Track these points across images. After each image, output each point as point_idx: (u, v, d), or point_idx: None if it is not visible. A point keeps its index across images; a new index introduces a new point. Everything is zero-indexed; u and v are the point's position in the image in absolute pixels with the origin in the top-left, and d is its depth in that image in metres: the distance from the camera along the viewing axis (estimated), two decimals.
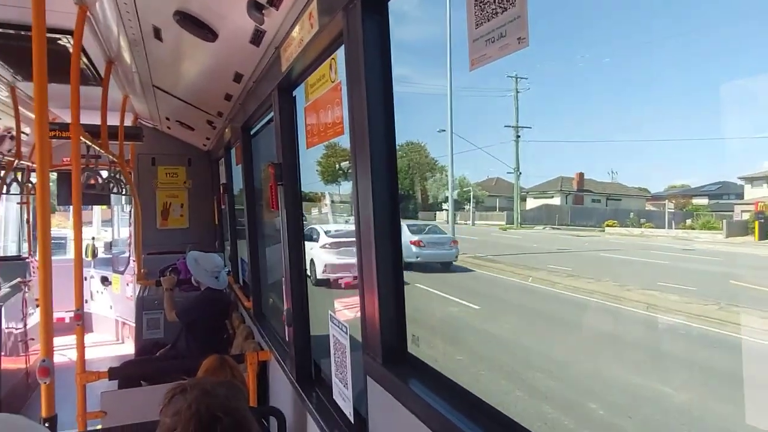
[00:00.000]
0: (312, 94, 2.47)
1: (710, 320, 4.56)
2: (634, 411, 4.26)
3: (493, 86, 4.82)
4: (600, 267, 7.11)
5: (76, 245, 3.38)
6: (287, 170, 2.96)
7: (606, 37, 3.68)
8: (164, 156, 7.32)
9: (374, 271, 1.83)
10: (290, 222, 3.00)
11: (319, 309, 3.16)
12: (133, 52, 3.68)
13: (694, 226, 6.02)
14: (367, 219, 1.85)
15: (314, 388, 2.91)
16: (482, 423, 1.44)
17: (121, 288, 7.75)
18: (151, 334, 5.82)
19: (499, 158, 7.45)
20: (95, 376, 3.48)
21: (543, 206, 8.28)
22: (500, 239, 9.02)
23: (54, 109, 6.10)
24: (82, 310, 3.35)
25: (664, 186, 6.53)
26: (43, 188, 2.57)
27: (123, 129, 5.38)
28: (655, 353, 5.01)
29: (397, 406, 1.72)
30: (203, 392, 1.41)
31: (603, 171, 7.51)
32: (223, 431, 1.36)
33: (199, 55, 3.37)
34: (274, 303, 4.45)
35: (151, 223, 7.12)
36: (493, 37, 1.20)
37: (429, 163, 8.93)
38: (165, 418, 1.39)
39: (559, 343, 5.91)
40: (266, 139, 4.00)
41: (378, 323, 1.84)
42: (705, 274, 5.70)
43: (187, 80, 4.17)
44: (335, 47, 2.15)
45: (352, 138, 1.93)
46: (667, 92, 3.67)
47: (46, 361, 2.48)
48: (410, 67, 5.12)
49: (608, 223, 7.34)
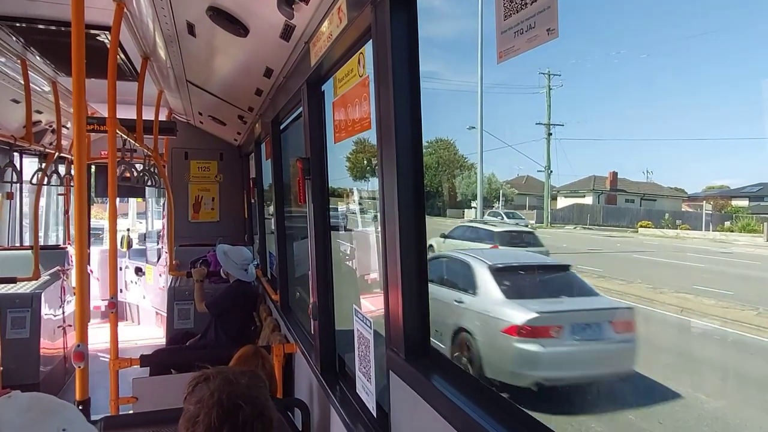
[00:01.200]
0: (340, 89, 2.48)
1: (748, 326, 4.39)
2: (666, 416, 4.15)
3: (525, 83, 4.75)
4: (632, 268, 6.92)
5: (111, 236, 3.49)
6: (315, 165, 2.98)
7: (643, 32, 3.58)
8: (197, 150, 7.48)
9: (398, 266, 1.83)
10: (317, 216, 3.03)
11: (345, 303, 3.18)
12: (168, 47, 3.76)
13: (733, 229, 5.80)
14: (392, 214, 1.85)
15: (338, 382, 2.93)
16: (505, 421, 1.42)
17: (154, 278, 7.96)
18: (182, 324, 5.96)
19: (530, 156, 7.34)
20: (128, 363, 3.59)
21: (574, 205, 8.10)
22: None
23: (92, 104, 6.31)
24: (116, 299, 3.46)
25: (702, 187, 6.30)
26: (81, 180, 2.66)
27: (157, 123, 5.52)
28: (688, 358, 4.86)
29: (419, 402, 1.72)
30: (225, 381, 1.44)
31: (638, 170, 7.30)
32: (245, 420, 1.38)
33: (230, 51, 3.43)
34: (300, 296, 4.50)
35: (183, 216, 7.29)
36: (522, 28, 1.17)
37: (458, 161, 8.85)
38: (188, 405, 1.43)
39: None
40: (295, 134, 4.04)
41: (401, 318, 1.84)
42: (743, 278, 5.49)
43: (219, 75, 4.25)
44: (363, 42, 2.15)
45: (379, 133, 1.93)
46: (707, 90, 3.56)
47: (80, 346, 2.57)
48: (441, 64, 5.10)
49: (642, 223, 7.14)
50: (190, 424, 1.40)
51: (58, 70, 4.78)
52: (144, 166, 5.49)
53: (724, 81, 3.66)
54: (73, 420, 1.01)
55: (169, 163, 7.26)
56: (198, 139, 7.42)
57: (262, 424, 1.42)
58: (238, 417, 1.38)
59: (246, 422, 1.39)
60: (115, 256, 3.43)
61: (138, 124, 4.65)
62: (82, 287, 2.59)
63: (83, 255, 2.58)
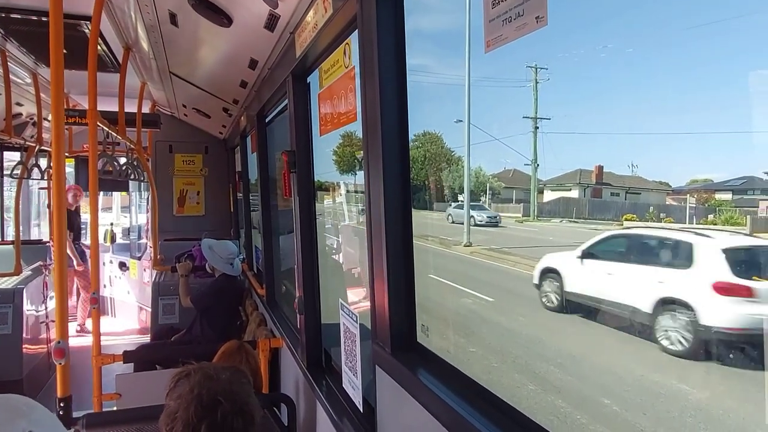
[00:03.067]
0: (326, 81, 2.44)
1: None
2: (649, 407, 4.20)
3: (513, 77, 4.74)
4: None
5: (93, 230, 3.42)
6: (301, 158, 2.95)
7: (630, 26, 3.59)
8: (181, 144, 7.38)
9: (385, 259, 1.81)
10: (303, 210, 3.00)
11: (331, 297, 3.16)
12: (150, 38, 3.69)
13: (717, 222, 5.86)
14: (378, 207, 1.83)
15: (324, 377, 2.91)
16: (491, 415, 1.42)
17: (139, 273, 7.86)
18: (167, 319, 5.89)
19: (517, 150, 7.35)
20: (111, 359, 3.54)
21: (560, 199, 8.14)
22: (516, 231, 8.92)
23: (74, 96, 6.18)
24: (98, 294, 3.40)
25: (686, 180, 6.37)
26: (59, 173, 2.59)
27: (141, 116, 5.42)
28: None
29: (405, 396, 1.70)
30: (206, 377, 1.41)
31: (623, 164, 7.35)
32: (224, 415, 1.36)
33: (214, 41, 3.37)
34: (287, 291, 4.47)
35: (168, 210, 7.20)
36: (510, 16, 1.15)
37: (445, 154, 8.83)
38: (169, 401, 1.40)
39: (573, 336, 5.85)
40: (281, 126, 3.99)
41: (387, 312, 1.82)
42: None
43: (203, 67, 4.18)
44: (349, 32, 2.12)
45: (364, 125, 1.90)
46: (692, 84, 3.58)
47: (61, 342, 2.52)
48: (430, 57, 5.09)
49: (627, 216, 7.20)
50: (169, 419, 1.37)
51: (39, 61, 4.66)
52: (127, 159, 5.40)
53: (709, 75, 3.68)
54: (42, 421, 0.97)
55: (153, 157, 7.15)
56: (182, 132, 7.32)
57: (242, 420, 1.40)
58: (217, 413, 1.36)
59: (225, 418, 1.37)
60: (97, 251, 3.37)
61: (120, 116, 4.56)
62: (62, 283, 2.53)
63: (62, 250, 2.52)
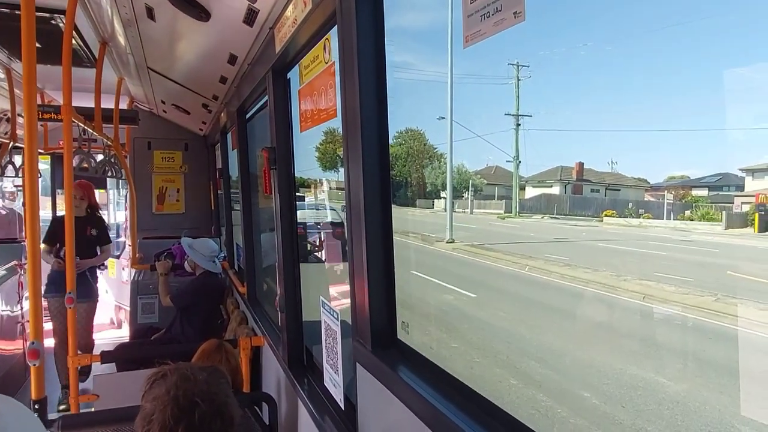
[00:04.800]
0: (306, 76, 2.42)
1: (707, 311, 4.54)
2: (628, 400, 4.27)
3: (495, 74, 4.77)
4: (597, 257, 7.09)
5: (68, 228, 3.35)
6: (281, 154, 2.92)
7: (609, 25, 3.63)
8: (160, 140, 7.27)
9: (365, 256, 1.80)
10: (284, 207, 2.97)
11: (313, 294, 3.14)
12: (127, 32, 3.62)
13: (693, 218, 5.98)
14: (357, 204, 1.82)
15: (306, 375, 2.90)
16: (472, 412, 1.42)
17: (117, 272, 7.74)
18: (146, 318, 5.82)
19: (499, 146, 7.38)
20: (88, 359, 3.48)
21: (542, 195, 8.24)
22: (498, 228, 8.99)
23: (49, 92, 6.04)
24: (73, 294, 3.33)
25: (664, 177, 6.48)
26: (32, 171, 2.53)
27: (118, 112, 5.33)
28: (651, 343, 5.01)
29: (386, 394, 1.70)
30: (182, 377, 1.39)
31: (603, 161, 7.44)
32: (202, 417, 1.34)
33: (192, 36, 3.32)
34: (268, 288, 4.44)
35: (147, 208, 7.09)
36: (489, 11, 1.15)
37: (428, 151, 8.84)
38: (145, 403, 1.38)
39: (554, 332, 5.92)
40: (261, 123, 3.95)
41: (368, 309, 1.82)
42: (702, 266, 5.68)
43: (182, 62, 4.11)
44: (329, 28, 2.10)
45: (344, 121, 1.89)
46: (669, 82, 3.64)
47: (35, 343, 2.46)
48: (413, 54, 5.07)
49: (606, 213, 7.31)
50: (145, 422, 1.34)
51: (12, 55, 4.54)
52: (104, 156, 5.30)
53: (685, 74, 3.73)
54: (5, 412, 0.94)
55: (131, 154, 7.04)
56: (161, 129, 7.21)
57: (221, 422, 1.38)
58: (194, 414, 1.33)
59: (203, 420, 1.35)
60: (72, 250, 3.30)
61: (96, 112, 4.48)
62: (35, 283, 2.48)
63: (36, 249, 2.46)
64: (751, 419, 3.31)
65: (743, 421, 3.40)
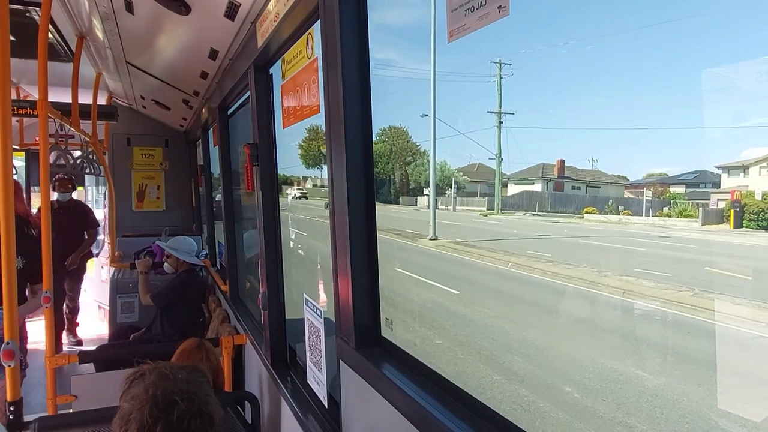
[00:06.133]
0: (288, 72, 2.40)
1: (684, 306, 4.63)
2: (609, 394, 4.33)
3: (478, 72, 4.78)
4: (578, 253, 7.18)
5: (44, 226, 3.27)
6: (264, 151, 2.89)
7: (591, 25, 3.66)
8: (140, 137, 7.15)
9: (348, 253, 1.79)
10: (266, 204, 2.94)
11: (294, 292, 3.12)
12: (105, 26, 3.54)
13: (671, 214, 6.09)
14: (341, 201, 1.80)
15: (289, 373, 2.88)
16: (457, 409, 1.42)
17: (96, 271, 7.61)
18: (126, 317, 5.73)
19: (482, 144, 7.40)
20: (65, 360, 3.40)
21: (524, 192, 8.30)
22: (481, 225, 9.04)
23: (26, 86, 5.90)
24: (50, 293, 3.25)
25: (643, 174, 6.57)
26: (5, 167, 2.46)
27: (96, 107, 5.22)
28: (630, 338, 5.09)
29: (369, 391, 1.69)
30: (161, 376, 1.36)
31: (583, 158, 7.52)
32: (181, 416, 1.31)
33: (172, 30, 3.26)
34: (250, 287, 4.40)
35: (127, 205, 6.98)
36: (473, 5, 1.15)
37: (411, 148, 8.85)
38: (123, 402, 1.35)
39: (536, 327, 5.98)
40: (243, 119, 3.91)
41: (351, 307, 1.81)
42: (680, 261, 5.79)
43: (162, 57, 4.04)
44: (312, 22, 2.07)
45: (327, 117, 1.87)
46: (648, 82, 3.69)
47: (10, 343, 2.40)
48: (397, 51, 5.03)
49: (587, 209, 7.40)
50: (123, 422, 1.32)
51: None
52: (82, 152, 5.20)
53: (664, 73, 3.78)
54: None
55: (110, 150, 6.91)
56: (141, 125, 7.09)
57: (200, 421, 1.36)
58: (173, 414, 1.31)
59: (182, 419, 1.32)
60: (49, 248, 3.22)
61: (74, 107, 4.38)
62: (10, 281, 2.42)
63: (10, 246, 2.40)
64: (727, 412, 3.38)
65: (720, 414, 3.48)
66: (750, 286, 3.87)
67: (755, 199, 4.25)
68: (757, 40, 2.24)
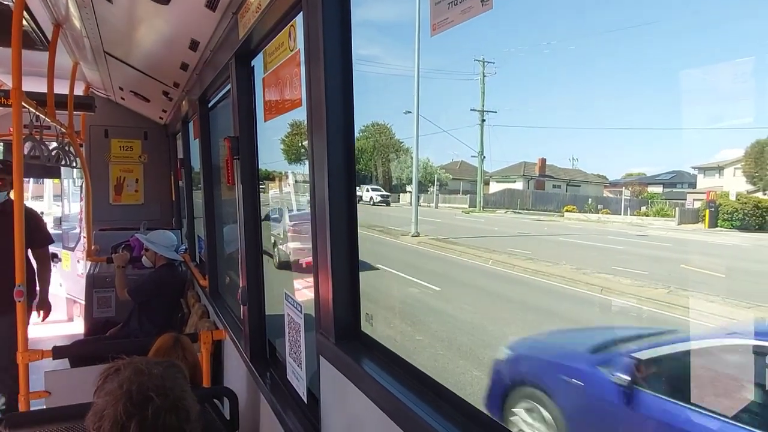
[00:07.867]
0: (270, 64, 2.37)
1: (660, 303, 4.72)
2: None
3: (462, 69, 4.80)
4: (558, 251, 7.26)
5: (18, 219, 3.19)
6: (245, 144, 2.85)
7: (573, 25, 3.70)
8: (118, 128, 7.01)
9: (329, 249, 1.78)
10: (247, 198, 2.91)
11: (276, 287, 3.10)
12: (83, 14, 3.45)
13: (649, 213, 6.19)
14: (322, 196, 1.79)
15: (268, 368, 2.86)
16: (435, 404, 1.42)
17: (72, 265, 7.46)
18: (102, 312, 5.63)
19: (464, 141, 7.43)
20: (38, 355, 3.33)
21: (506, 190, 8.36)
22: (463, 222, 9.09)
23: (0, 76, 5.73)
24: (23, 287, 3.18)
25: (622, 174, 6.67)
26: None
27: (73, 98, 5.11)
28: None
29: (348, 386, 1.69)
30: (136, 372, 1.33)
31: (564, 157, 7.59)
32: (156, 412, 1.29)
33: (152, 20, 3.19)
34: (230, 281, 4.36)
35: (104, 198, 6.85)
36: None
37: (394, 145, 8.84)
38: (97, 399, 1.32)
39: (516, 324, 6.03)
40: (224, 112, 3.86)
41: (331, 302, 1.80)
42: (657, 259, 5.89)
43: (141, 47, 3.96)
44: (294, 14, 2.05)
45: (309, 111, 1.86)
46: (627, 82, 3.74)
47: None
48: (381, 48, 5.00)
49: (567, 208, 7.48)
50: (96, 418, 1.29)
51: None
52: (58, 144, 5.08)
53: (642, 73, 3.83)
54: None
55: (87, 142, 6.76)
56: (119, 117, 6.96)
57: (176, 417, 1.33)
58: (147, 409, 1.28)
59: (157, 415, 1.30)
60: (22, 241, 3.15)
61: (49, 97, 4.27)
62: None
63: None
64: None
65: None
66: (723, 284, 3.95)
67: (729, 199, 4.34)
68: (734, 41, 2.28)
